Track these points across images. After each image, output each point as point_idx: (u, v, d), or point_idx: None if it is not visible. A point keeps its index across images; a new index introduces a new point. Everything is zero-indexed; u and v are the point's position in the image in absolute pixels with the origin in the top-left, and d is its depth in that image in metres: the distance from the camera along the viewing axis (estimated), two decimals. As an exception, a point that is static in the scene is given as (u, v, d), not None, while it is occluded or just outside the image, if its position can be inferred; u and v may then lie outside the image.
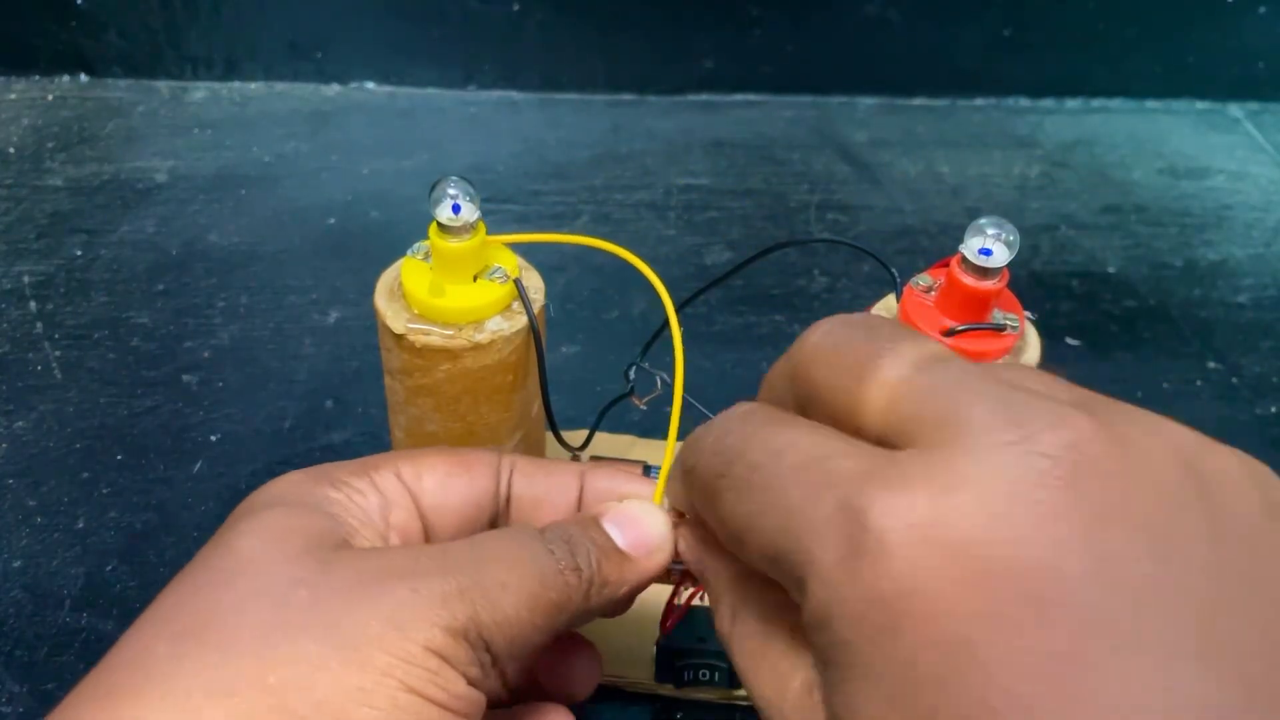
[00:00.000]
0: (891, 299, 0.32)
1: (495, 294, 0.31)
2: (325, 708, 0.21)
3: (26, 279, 0.54)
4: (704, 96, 0.73)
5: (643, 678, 0.35)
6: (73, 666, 0.37)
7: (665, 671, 0.35)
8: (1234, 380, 0.52)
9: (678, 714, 0.36)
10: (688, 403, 0.29)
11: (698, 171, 0.66)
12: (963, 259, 0.29)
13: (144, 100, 0.69)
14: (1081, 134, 0.71)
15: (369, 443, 0.46)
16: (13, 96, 0.69)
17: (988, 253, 0.28)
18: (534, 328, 0.31)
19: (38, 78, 0.70)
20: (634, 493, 0.29)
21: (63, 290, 0.54)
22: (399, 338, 0.31)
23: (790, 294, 0.56)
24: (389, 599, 0.23)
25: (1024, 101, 0.74)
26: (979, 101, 0.74)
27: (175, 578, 0.24)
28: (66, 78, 0.71)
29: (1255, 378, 0.52)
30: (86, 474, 0.44)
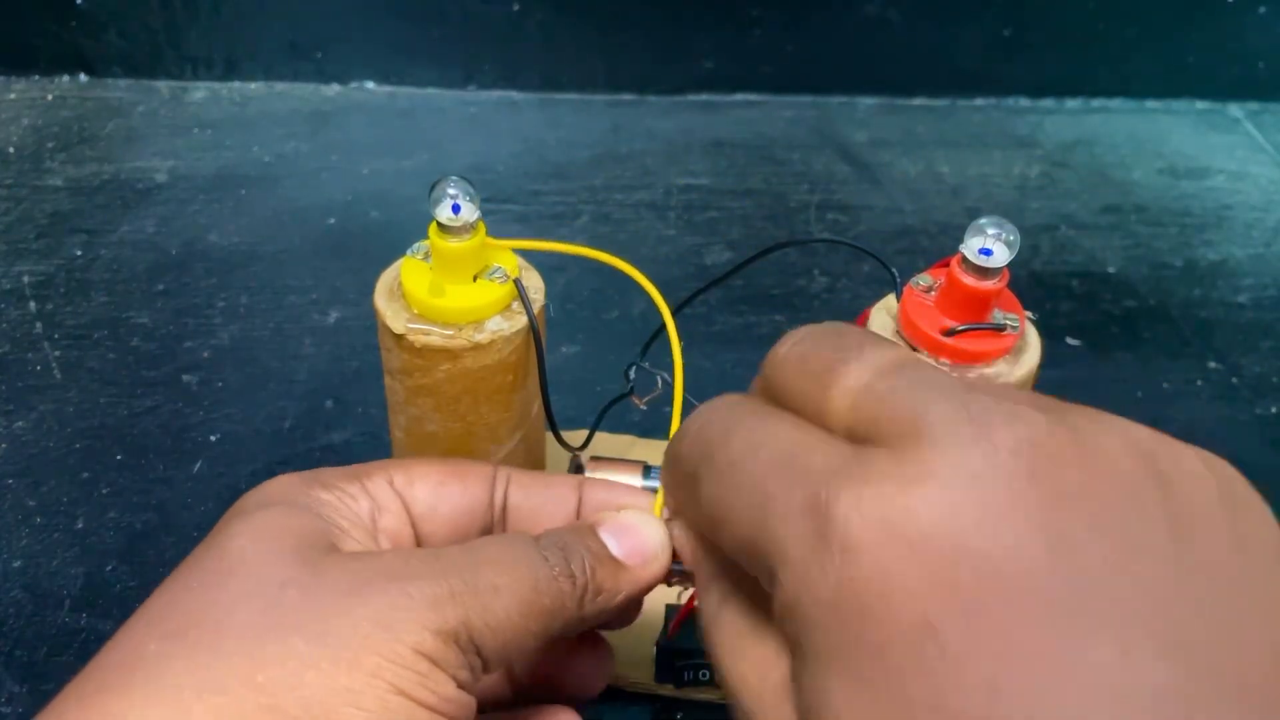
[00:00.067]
0: (891, 299, 0.32)
1: (495, 294, 0.31)
2: (314, 707, 0.21)
3: (26, 279, 0.54)
4: (704, 96, 0.73)
5: (643, 678, 0.35)
6: (72, 667, 0.36)
7: (665, 671, 0.35)
8: (1234, 380, 0.52)
9: (678, 714, 0.36)
10: (688, 403, 0.29)
11: (698, 171, 0.66)
12: (963, 259, 0.29)
13: (144, 100, 0.69)
14: (1081, 134, 0.71)
15: (369, 443, 0.46)
16: (13, 96, 0.69)
17: (988, 253, 0.29)
18: (534, 328, 0.31)
19: (38, 78, 0.70)
20: (632, 504, 0.29)
21: (63, 290, 0.54)
22: (399, 338, 0.31)
23: (790, 294, 0.56)
24: (380, 600, 0.23)
25: (1024, 101, 0.74)
26: (979, 101, 0.74)
27: (168, 578, 0.25)
28: (66, 78, 0.71)
29: (1255, 378, 0.52)
30: (86, 474, 0.44)
